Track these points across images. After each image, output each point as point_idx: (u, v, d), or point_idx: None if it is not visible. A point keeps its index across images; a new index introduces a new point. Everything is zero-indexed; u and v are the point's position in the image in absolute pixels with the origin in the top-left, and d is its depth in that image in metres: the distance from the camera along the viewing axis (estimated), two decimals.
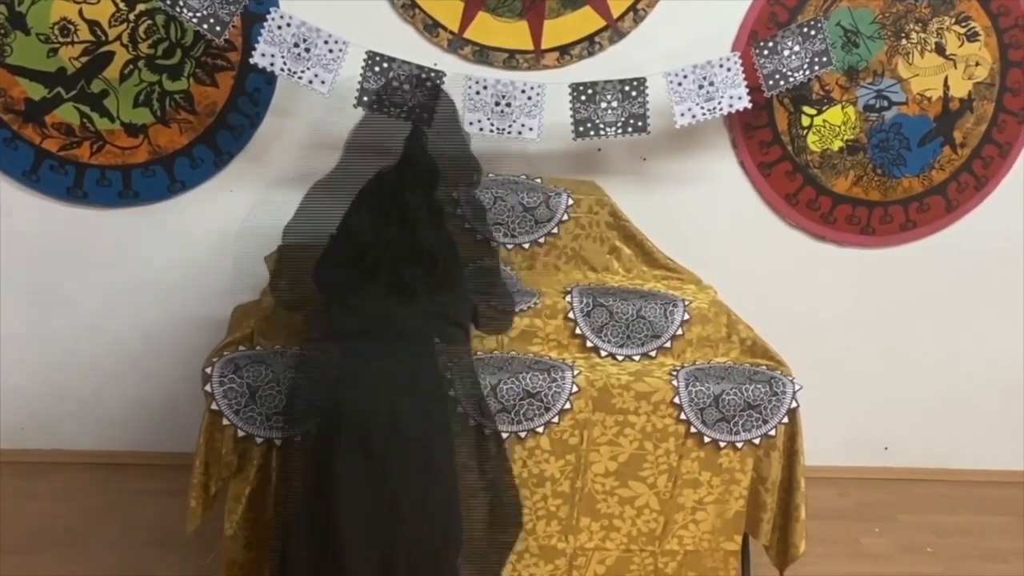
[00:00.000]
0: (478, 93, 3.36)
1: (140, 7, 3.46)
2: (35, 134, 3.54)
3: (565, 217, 3.20)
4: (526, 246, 3.19)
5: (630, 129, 3.41)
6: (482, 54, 3.62)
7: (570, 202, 3.20)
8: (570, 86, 3.39)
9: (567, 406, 2.83)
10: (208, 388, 2.69)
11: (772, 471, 2.93)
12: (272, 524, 2.68)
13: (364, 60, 3.29)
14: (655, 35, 3.66)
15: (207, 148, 3.62)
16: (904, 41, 3.77)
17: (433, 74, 3.30)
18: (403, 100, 3.30)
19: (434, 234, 2.66)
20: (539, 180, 3.26)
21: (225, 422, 2.69)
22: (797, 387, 2.91)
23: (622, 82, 3.39)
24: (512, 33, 3.62)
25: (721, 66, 3.43)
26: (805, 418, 2.93)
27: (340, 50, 3.28)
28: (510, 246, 3.19)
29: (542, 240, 3.19)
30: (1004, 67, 3.85)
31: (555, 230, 3.20)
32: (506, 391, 2.79)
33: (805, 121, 3.81)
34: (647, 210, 3.45)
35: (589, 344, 3.00)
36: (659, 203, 3.71)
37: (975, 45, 3.81)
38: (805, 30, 3.44)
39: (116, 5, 3.46)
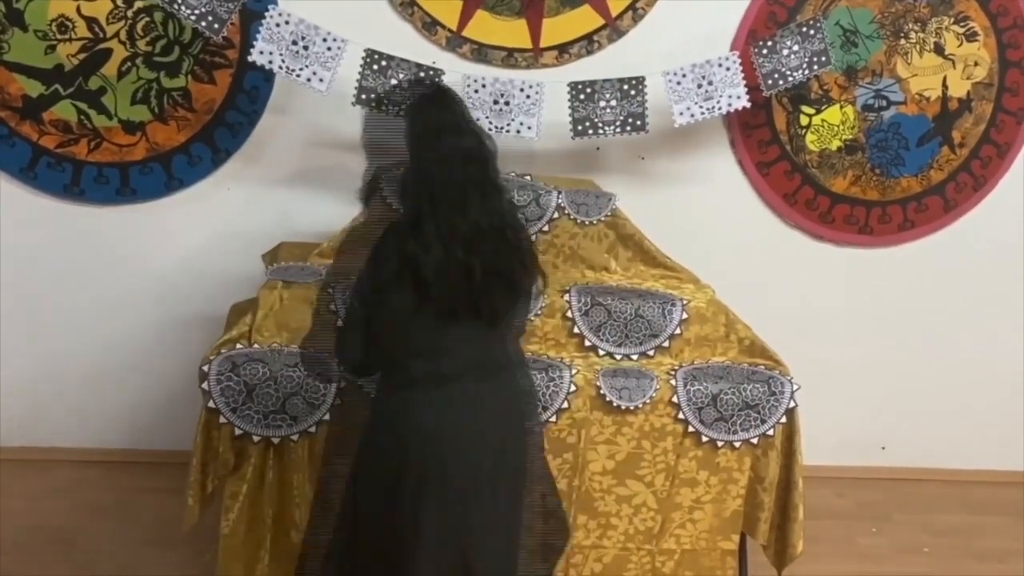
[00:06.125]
0: (476, 92, 3.35)
1: (138, 4, 3.45)
2: (32, 131, 3.53)
3: (555, 215, 3.19)
4: None
5: (629, 128, 3.40)
6: (481, 52, 3.62)
7: (560, 200, 3.19)
8: (569, 85, 3.38)
9: (565, 405, 2.83)
10: (205, 386, 2.68)
11: (770, 471, 2.93)
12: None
13: (363, 58, 3.28)
14: (654, 34, 3.66)
15: (205, 146, 3.62)
16: (903, 41, 3.77)
17: (432, 72, 3.30)
18: (401, 98, 3.30)
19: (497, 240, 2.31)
20: (528, 177, 3.25)
21: (222, 420, 2.69)
22: (795, 387, 2.91)
23: (621, 81, 3.39)
24: (511, 31, 3.61)
25: (720, 65, 3.42)
26: (803, 418, 2.93)
27: (339, 48, 3.27)
28: None
29: (534, 238, 3.18)
30: (1003, 67, 3.84)
31: (545, 228, 3.19)
32: None
33: (804, 120, 3.81)
34: (645, 209, 3.44)
35: (587, 343, 3.00)
36: (658, 202, 3.71)
37: (974, 45, 3.81)
38: (804, 30, 3.44)
39: (114, 2, 3.45)
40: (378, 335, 2.33)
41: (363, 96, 3.28)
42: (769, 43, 3.45)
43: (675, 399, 2.86)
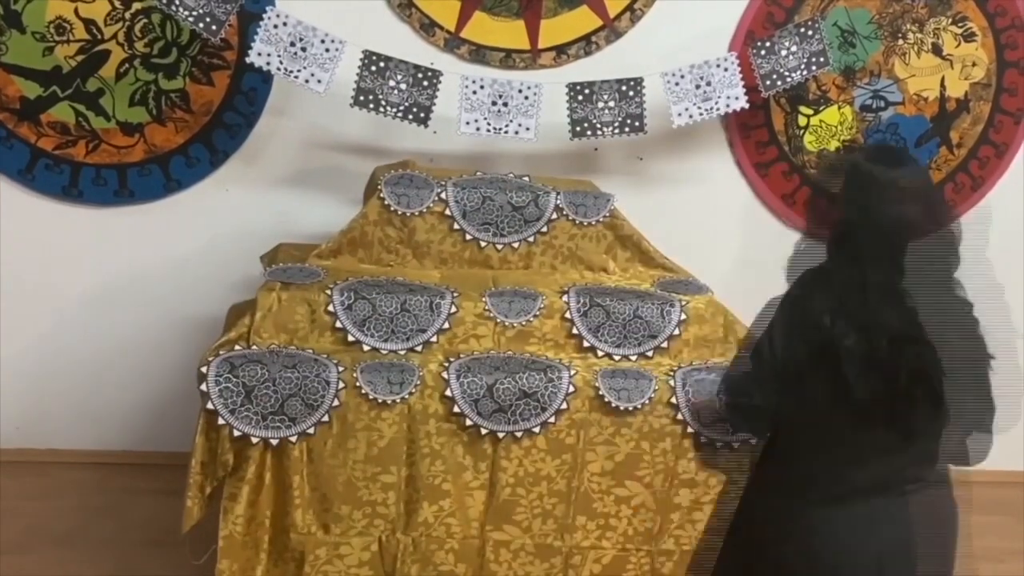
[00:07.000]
0: (475, 93, 3.35)
1: (136, 5, 3.45)
2: (30, 133, 3.53)
3: (554, 216, 3.19)
4: (516, 245, 3.18)
5: (627, 129, 3.41)
6: (479, 53, 3.62)
7: (558, 201, 3.19)
8: (567, 86, 3.38)
9: (564, 406, 2.83)
10: (204, 388, 2.68)
11: None
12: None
13: (360, 59, 3.28)
14: (652, 35, 3.66)
15: (203, 147, 3.62)
16: (901, 41, 3.78)
17: (430, 73, 3.30)
18: (399, 99, 3.31)
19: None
20: (527, 178, 3.25)
21: (221, 422, 2.68)
22: None
23: (619, 82, 3.39)
24: (509, 32, 3.61)
25: (718, 66, 3.43)
26: None
27: (337, 49, 3.27)
28: (500, 246, 3.19)
29: (532, 239, 3.18)
30: (1001, 67, 3.85)
31: (544, 229, 3.19)
32: (503, 391, 2.79)
33: (802, 121, 3.82)
34: (644, 210, 3.44)
35: (586, 344, 3.00)
36: (656, 203, 3.71)
37: (972, 45, 3.81)
38: (802, 30, 3.44)
39: (112, 3, 3.45)
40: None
41: (361, 97, 3.28)
42: (767, 44, 3.45)
43: (674, 400, 2.86)
